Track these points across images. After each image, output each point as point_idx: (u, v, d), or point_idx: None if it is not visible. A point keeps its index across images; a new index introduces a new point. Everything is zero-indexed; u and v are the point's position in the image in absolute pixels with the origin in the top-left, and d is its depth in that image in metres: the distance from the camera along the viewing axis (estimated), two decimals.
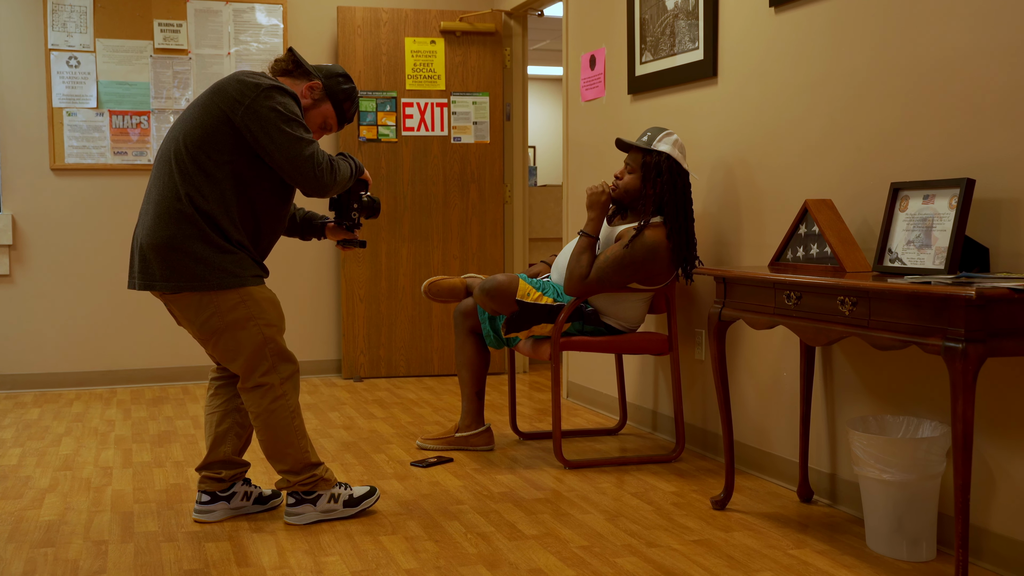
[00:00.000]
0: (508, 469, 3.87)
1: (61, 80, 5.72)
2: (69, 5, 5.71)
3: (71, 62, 5.74)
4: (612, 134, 4.84)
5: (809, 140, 3.44)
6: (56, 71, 5.71)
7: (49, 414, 5.02)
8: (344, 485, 3.28)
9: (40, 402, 5.36)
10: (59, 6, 5.69)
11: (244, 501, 3.32)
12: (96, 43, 5.76)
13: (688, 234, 3.79)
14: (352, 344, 6.03)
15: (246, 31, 5.99)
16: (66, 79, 5.73)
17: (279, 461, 3.15)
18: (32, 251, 5.72)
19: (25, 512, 3.35)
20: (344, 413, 5.00)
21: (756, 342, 3.75)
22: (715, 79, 3.98)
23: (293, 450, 3.14)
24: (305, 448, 3.17)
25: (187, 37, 5.89)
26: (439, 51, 6.09)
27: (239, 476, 3.30)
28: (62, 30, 5.71)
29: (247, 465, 3.33)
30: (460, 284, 4.18)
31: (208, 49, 5.93)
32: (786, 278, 2.85)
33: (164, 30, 5.85)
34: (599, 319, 3.96)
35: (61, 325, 5.78)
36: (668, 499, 3.45)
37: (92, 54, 5.77)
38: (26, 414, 5.02)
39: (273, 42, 6.03)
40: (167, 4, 5.85)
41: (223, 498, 3.27)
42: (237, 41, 5.97)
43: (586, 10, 5.09)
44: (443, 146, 6.11)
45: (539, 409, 5.13)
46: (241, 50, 5.97)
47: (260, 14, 6.01)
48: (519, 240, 6.28)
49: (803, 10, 3.45)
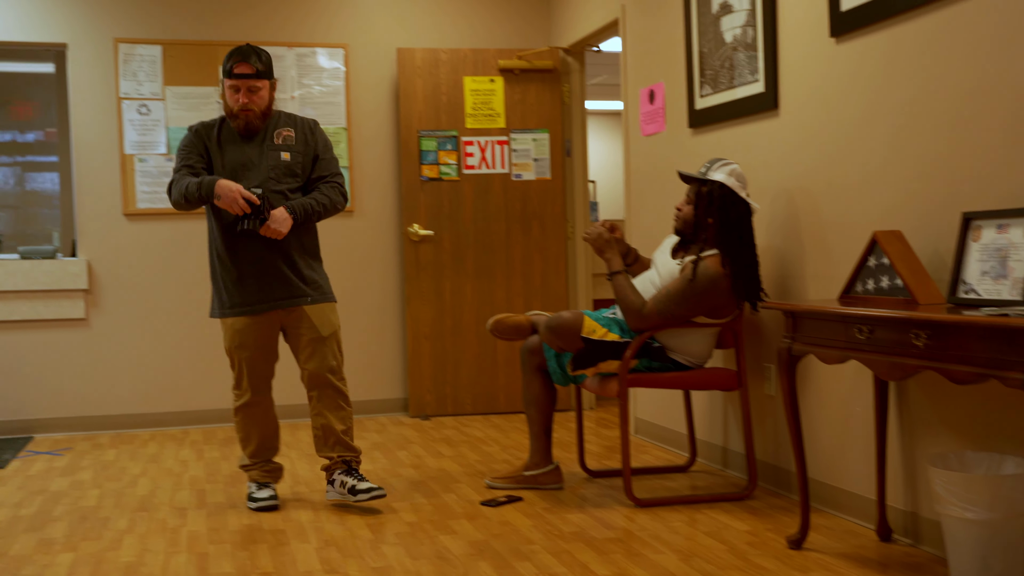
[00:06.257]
0: (578, 508, 3.85)
1: (132, 127, 5.88)
2: (139, 55, 5.87)
3: (142, 110, 5.89)
4: (673, 168, 4.83)
5: (872, 169, 3.40)
6: (127, 119, 5.87)
7: (125, 455, 5.11)
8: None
9: (116, 443, 5.47)
10: (130, 56, 5.86)
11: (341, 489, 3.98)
12: (165, 91, 5.91)
13: (747, 264, 3.76)
14: (418, 382, 6.07)
15: (309, 74, 6.10)
16: (137, 126, 5.88)
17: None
18: (106, 295, 5.85)
19: (105, 553, 3.41)
20: (412, 452, 5.02)
21: (827, 376, 3.70)
22: (776, 111, 3.96)
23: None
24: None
25: None
26: (498, 89, 6.14)
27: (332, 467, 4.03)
28: (133, 79, 5.87)
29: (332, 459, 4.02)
30: (526, 322, 4.19)
31: None
32: (857, 311, 2.81)
33: None
34: (666, 355, 3.94)
35: (135, 367, 5.90)
36: (742, 538, 3.40)
37: (161, 102, 5.91)
38: (103, 455, 5.12)
39: (335, 84, 6.13)
40: None
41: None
42: (300, 84, 6.09)
43: (644, 45, 5.11)
44: (504, 183, 6.15)
45: (607, 446, 5.10)
46: (304, 93, 6.09)
47: (322, 57, 6.12)
48: (582, 275, 6.28)
49: (865, 39, 3.42)
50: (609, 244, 3.97)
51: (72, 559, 3.36)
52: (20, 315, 5.71)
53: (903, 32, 3.24)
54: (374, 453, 4.99)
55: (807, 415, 3.82)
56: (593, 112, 12.80)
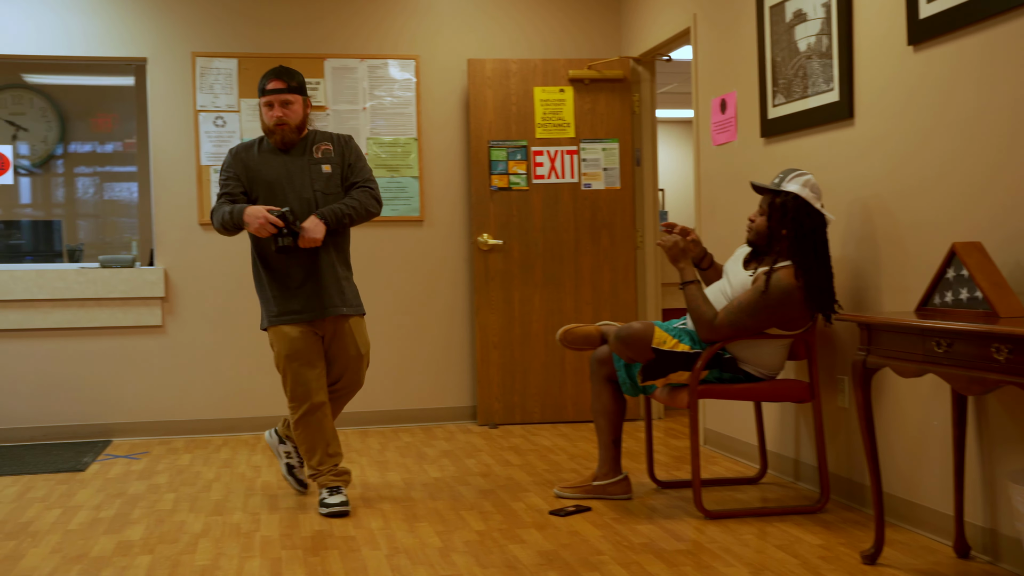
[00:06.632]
0: (647, 519, 3.83)
1: (208, 139, 6.00)
2: (216, 68, 5.99)
3: (217, 122, 6.01)
4: (744, 178, 4.79)
5: (951, 179, 3.34)
6: (204, 131, 5.99)
7: (199, 460, 5.21)
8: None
9: (191, 448, 5.58)
10: (207, 69, 5.98)
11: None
12: (240, 103, 6.02)
13: (821, 276, 3.71)
14: (487, 391, 6.09)
15: (380, 86, 6.17)
16: (213, 138, 6.01)
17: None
18: (182, 303, 5.98)
19: (181, 556, 3.48)
20: (481, 460, 5.05)
21: (903, 389, 3.64)
22: (851, 120, 3.91)
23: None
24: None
25: (325, 94, 6.11)
26: (568, 99, 6.15)
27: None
28: (209, 92, 6.00)
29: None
30: (595, 332, 4.18)
31: (344, 105, 6.14)
32: (935, 324, 2.76)
33: None
34: (737, 366, 3.91)
35: (209, 373, 6.02)
36: (814, 552, 3.36)
37: (237, 114, 6.03)
38: (178, 459, 5.23)
39: (406, 96, 6.19)
40: (306, 63, 6.08)
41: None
42: (372, 96, 6.16)
43: (715, 54, 5.08)
44: (573, 193, 6.15)
45: (676, 456, 5.07)
46: (375, 104, 6.16)
47: (394, 69, 6.19)
48: (651, 285, 6.25)
49: (944, 46, 3.36)
50: (684, 253, 3.94)
51: (149, 561, 3.43)
52: (100, 322, 5.86)
53: (985, 39, 3.18)
54: (443, 461, 5.03)
55: (881, 428, 3.76)
56: (662, 120, 12.75)
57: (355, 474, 4.74)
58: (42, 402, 5.83)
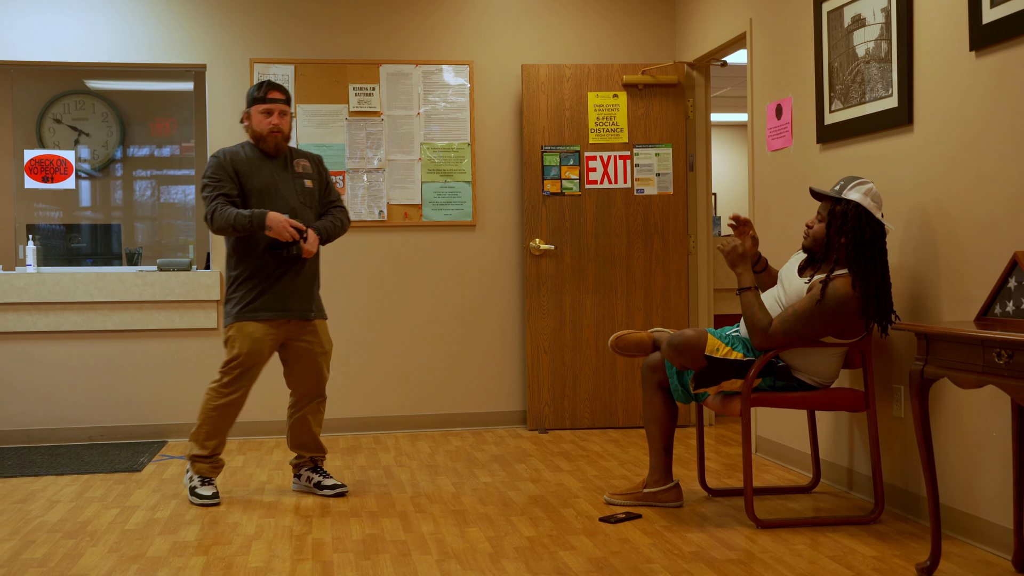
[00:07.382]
0: (698, 527, 3.81)
1: None
2: (273, 74, 6.06)
3: None
4: (800, 184, 4.74)
5: (1013, 186, 3.28)
6: None
7: (252, 462, 5.27)
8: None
9: (244, 449, 5.64)
10: (264, 75, 6.05)
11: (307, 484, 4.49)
12: (297, 108, 6.09)
13: (879, 286, 3.66)
14: (537, 395, 6.09)
15: (435, 91, 6.20)
16: None
17: None
18: None
19: (235, 558, 3.52)
20: (530, 465, 5.04)
21: (960, 399, 3.57)
22: (910, 127, 3.85)
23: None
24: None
25: (380, 99, 6.15)
26: (622, 104, 6.14)
27: (301, 464, 4.53)
28: None
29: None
30: (647, 338, 4.16)
31: (399, 110, 6.18)
32: (996, 335, 2.71)
33: (358, 93, 6.14)
34: (791, 374, 3.87)
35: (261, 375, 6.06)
36: (869, 564, 3.31)
37: (293, 119, 6.08)
38: (231, 461, 5.29)
39: (460, 101, 6.22)
40: (361, 69, 6.13)
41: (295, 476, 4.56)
42: (426, 101, 6.19)
43: (771, 59, 5.03)
44: (626, 198, 6.13)
45: (727, 464, 5.03)
46: (430, 110, 6.19)
47: (448, 74, 6.22)
48: (704, 291, 6.21)
49: (1008, 52, 3.30)
50: (742, 258, 3.91)
51: (204, 562, 3.48)
52: (156, 324, 5.96)
53: None
54: (493, 466, 5.03)
55: (938, 439, 3.70)
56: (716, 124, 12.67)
57: (405, 478, 4.77)
58: (100, 402, 5.94)
